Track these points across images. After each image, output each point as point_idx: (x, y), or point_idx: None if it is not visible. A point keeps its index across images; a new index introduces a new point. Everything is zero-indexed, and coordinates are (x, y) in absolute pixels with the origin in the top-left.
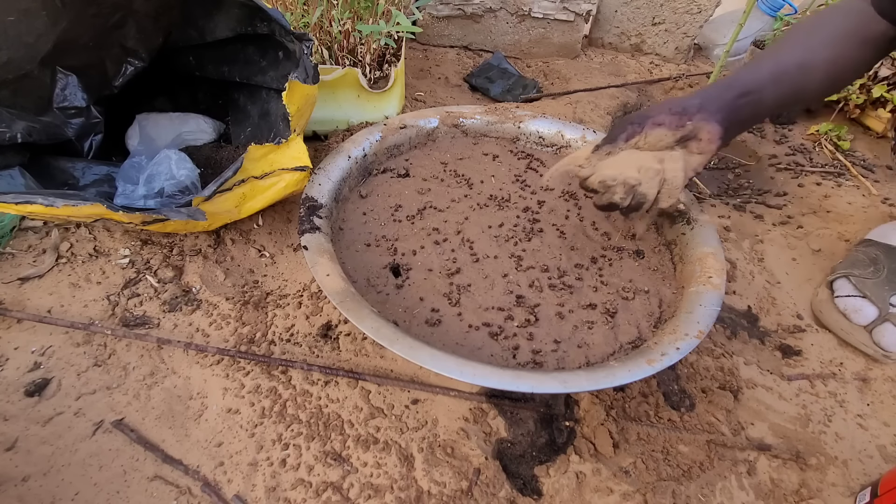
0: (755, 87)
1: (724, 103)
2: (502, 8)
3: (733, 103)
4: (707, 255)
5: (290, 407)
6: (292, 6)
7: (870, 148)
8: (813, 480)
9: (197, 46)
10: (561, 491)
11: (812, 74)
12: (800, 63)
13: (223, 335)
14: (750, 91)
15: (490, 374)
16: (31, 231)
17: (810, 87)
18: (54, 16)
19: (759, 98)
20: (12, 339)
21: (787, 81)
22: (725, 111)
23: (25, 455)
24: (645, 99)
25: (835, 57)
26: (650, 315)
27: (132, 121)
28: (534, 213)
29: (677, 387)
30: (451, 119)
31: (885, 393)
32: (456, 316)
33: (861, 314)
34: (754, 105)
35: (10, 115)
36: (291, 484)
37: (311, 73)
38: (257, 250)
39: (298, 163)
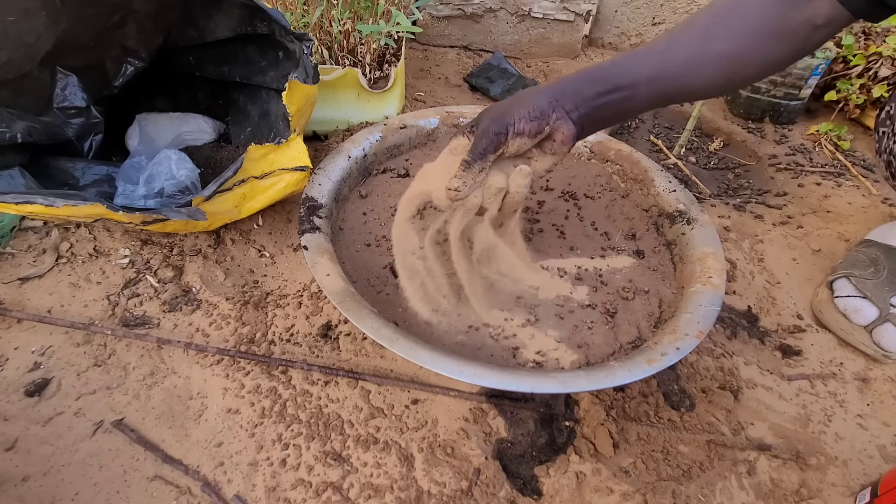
0: (626, 84)
1: (583, 100)
2: (502, 8)
3: (594, 101)
4: (707, 255)
5: (290, 407)
6: (292, 6)
7: (870, 148)
8: (813, 480)
9: (197, 46)
10: (561, 491)
11: (701, 72)
12: (688, 59)
13: (223, 335)
14: (619, 88)
15: (490, 374)
16: (31, 231)
17: (697, 86)
18: (54, 16)
19: (628, 96)
20: (12, 339)
21: (667, 80)
22: (583, 109)
23: (25, 455)
24: None
25: (733, 52)
26: (650, 315)
27: (132, 121)
28: (534, 213)
29: (677, 387)
30: (451, 119)
31: (885, 393)
32: (456, 316)
33: (861, 314)
34: (621, 103)
35: (10, 115)
36: (291, 484)
37: (311, 73)
38: (257, 250)
39: (298, 163)
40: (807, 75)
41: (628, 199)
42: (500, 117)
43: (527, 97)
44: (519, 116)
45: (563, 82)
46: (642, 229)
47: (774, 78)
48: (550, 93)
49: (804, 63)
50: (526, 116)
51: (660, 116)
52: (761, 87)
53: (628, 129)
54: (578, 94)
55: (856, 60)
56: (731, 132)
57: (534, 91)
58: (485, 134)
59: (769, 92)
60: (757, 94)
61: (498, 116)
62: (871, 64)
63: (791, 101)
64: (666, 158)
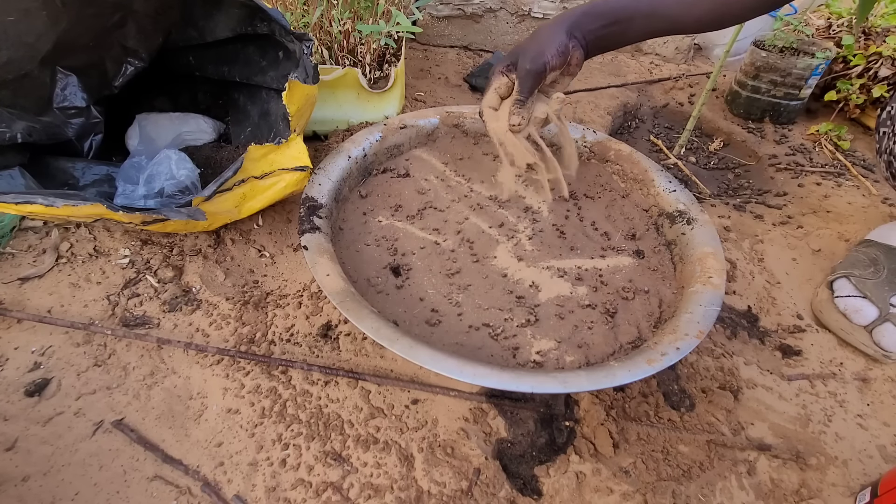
0: (624, 18)
1: (589, 31)
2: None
3: (597, 32)
4: (707, 255)
5: (290, 407)
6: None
7: (870, 148)
8: (813, 480)
9: (197, 46)
10: (561, 491)
11: (692, 11)
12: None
13: (223, 335)
14: (618, 21)
15: (490, 374)
16: (31, 231)
17: (688, 23)
18: (54, 16)
19: (625, 29)
20: (12, 339)
21: (661, 17)
22: (589, 38)
23: (25, 455)
24: (645, 99)
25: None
26: (650, 315)
27: (132, 121)
28: (534, 212)
29: (677, 387)
30: (451, 119)
31: (885, 393)
32: (456, 316)
33: (861, 314)
34: (619, 34)
35: (10, 115)
36: (291, 484)
37: (311, 73)
38: (257, 250)
39: (298, 163)
40: (807, 75)
41: (628, 199)
42: (537, 56)
43: (549, 35)
44: (551, 54)
45: (573, 16)
46: (642, 229)
47: (774, 78)
48: (566, 27)
49: (804, 63)
50: (556, 53)
51: (660, 116)
52: (761, 88)
53: (628, 129)
54: (586, 26)
55: (856, 60)
56: (731, 132)
57: (552, 28)
58: (529, 75)
59: (769, 92)
60: (757, 94)
61: (536, 56)
62: (871, 64)
63: (791, 101)
64: (666, 158)
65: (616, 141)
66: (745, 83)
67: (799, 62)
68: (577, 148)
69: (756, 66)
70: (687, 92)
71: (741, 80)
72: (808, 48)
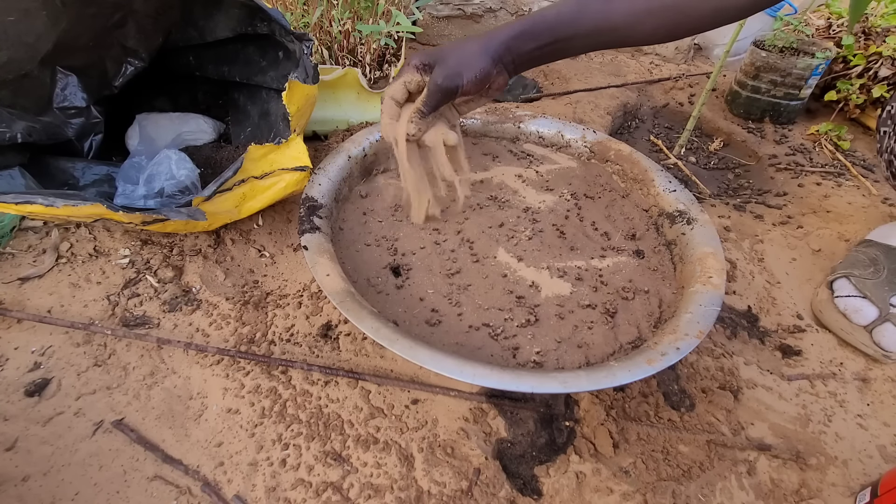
0: (565, 37)
1: (521, 54)
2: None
3: (531, 54)
4: (707, 255)
5: (290, 407)
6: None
7: (870, 148)
8: (813, 480)
9: (197, 46)
10: (561, 491)
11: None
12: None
13: (223, 335)
14: (556, 40)
15: (490, 374)
16: (31, 231)
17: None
18: (55, 16)
19: (564, 47)
20: (12, 339)
21: (607, 32)
22: (520, 61)
23: (25, 455)
24: (645, 99)
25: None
26: (650, 315)
27: (132, 121)
28: (534, 212)
29: (677, 387)
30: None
31: (885, 393)
32: (456, 316)
33: (861, 314)
34: (557, 53)
35: (11, 115)
36: (291, 484)
37: (311, 73)
38: (257, 250)
39: (298, 163)
40: (807, 75)
41: (628, 199)
42: (453, 76)
43: (473, 56)
44: (468, 79)
45: (503, 37)
46: (642, 229)
47: (774, 78)
48: (493, 51)
49: (804, 63)
50: (473, 79)
51: (660, 116)
52: (761, 87)
53: (628, 129)
54: (517, 49)
55: (856, 60)
56: (731, 132)
57: (479, 48)
58: (439, 91)
59: (769, 92)
60: (757, 94)
61: (452, 75)
62: (871, 64)
63: (791, 101)
64: (666, 158)
65: (616, 141)
66: (745, 83)
67: (799, 62)
68: (577, 148)
69: (756, 66)
70: (687, 92)
71: (741, 80)
72: (808, 48)
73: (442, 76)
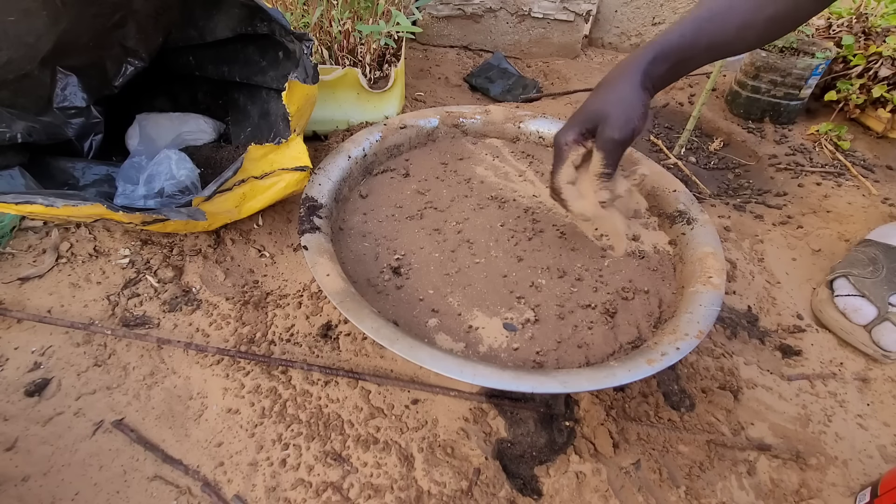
0: (689, 56)
1: (657, 77)
2: (502, 8)
3: (665, 76)
4: (707, 255)
5: (290, 407)
6: (292, 6)
7: (870, 148)
8: (813, 480)
9: (197, 46)
10: (561, 491)
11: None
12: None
13: (223, 335)
14: (681, 60)
15: (490, 374)
16: (31, 231)
17: (739, 48)
18: (55, 16)
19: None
20: (12, 339)
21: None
22: (658, 84)
23: (25, 455)
24: None
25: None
26: (650, 315)
27: (132, 121)
28: (534, 212)
29: (677, 387)
30: (451, 119)
31: (885, 393)
32: (456, 316)
33: (860, 314)
34: (678, 73)
35: (11, 115)
36: (291, 484)
37: (311, 73)
38: (257, 250)
39: (298, 163)
40: (807, 75)
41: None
42: (626, 124)
43: (630, 94)
44: (639, 118)
45: (642, 64)
46: (642, 229)
47: (774, 78)
48: (640, 79)
49: (804, 63)
50: (642, 116)
51: (660, 116)
52: (761, 87)
53: None
54: (655, 73)
55: (856, 60)
56: (731, 132)
57: (628, 83)
58: (618, 146)
59: (769, 92)
60: (757, 94)
61: (624, 124)
62: (871, 64)
63: (791, 101)
64: (666, 158)
65: None
66: (745, 83)
67: (799, 62)
68: None
69: (756, 66)
70: (687, 92)
71: (741, 80)
72: (808, 48)
73: (617, 130)
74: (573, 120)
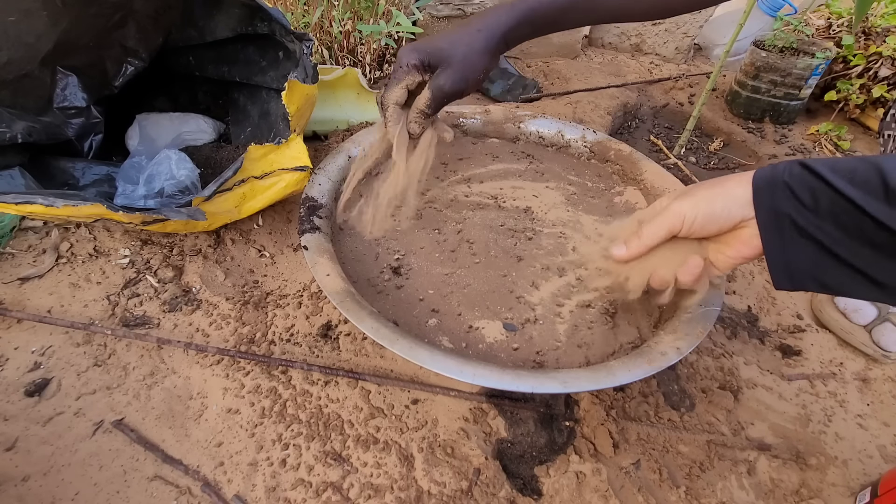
0: (557, 21)
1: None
2: None
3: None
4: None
5: (290, 407)
6: (293, 6)
7: (870, 148)
8: (813, 480)
9: (197, 46)
10: (561, 491)
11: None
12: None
13: (223, 335)
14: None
15: (490, 374)
16: (31, 231)
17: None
18: (55, 16)
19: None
20: (12, 339)
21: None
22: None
23: (25, 455)
24: (645, 99)
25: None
26: (650, 315)
27: (132, 121)
28: (534, 212)
29: (677, 387)
30: (451, 119)
31: (885, 393)
32: (456, 316)
33: (860, 314)
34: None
35: (11, 116)
36: (291, 484)
37: (311, 73)
38: (257, 250)
39: (298, 163)
40: (807, 75)
41: (628, 199)
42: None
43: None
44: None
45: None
46: None
47: (774, 78)
48: (493, 48)
49: (804, 63)
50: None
51: (660, 116)
52: (761, 87)
53: (628, 129)
54: (515, 39)
55: (856, 60)
56: (731, 132)
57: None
58: (444, 97)
59: (769, 92)
60: (757, 94)
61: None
62: (871, 64)
63: (791, 101)
64: (666, 158)
65: (616, 141)
66: (745, 83)
67: (799, 62)
68: (577, 148)
69: (756, 66)
70: (687, 92)
71: (741, 80)
72: (808, 48)
73: (449, 82)
74: (422, 47)
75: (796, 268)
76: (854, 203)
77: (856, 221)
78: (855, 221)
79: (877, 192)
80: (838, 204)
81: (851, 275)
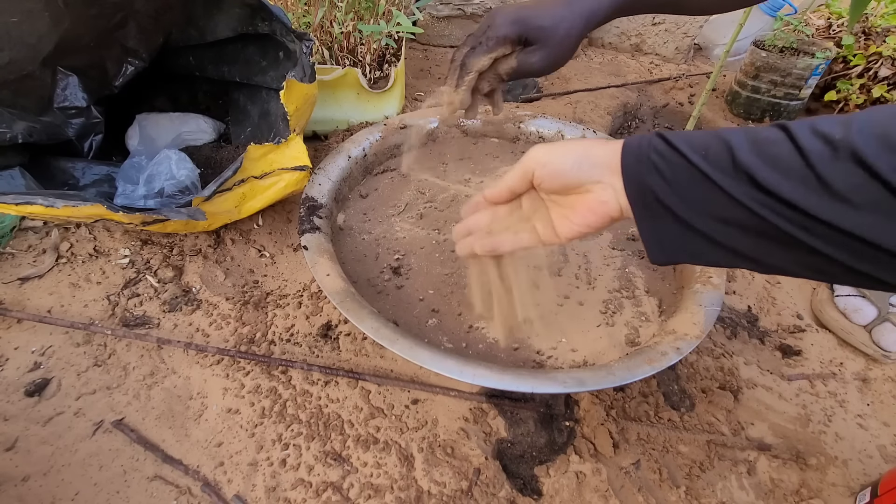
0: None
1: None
2: None
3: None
4: None
5: (290, 407)
6: (293, 6)
7: None
8: (813, 480)
9: (197, 46)
10: (561, 491)
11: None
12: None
13: (223, 335)
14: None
15: (490, 374)
16: (31, 231)
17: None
18: (57, 16)
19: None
20: (12, 339)
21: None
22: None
23: (25, 455)
24: (645, 99)
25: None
26: (650, 315)
27: (132, 121)
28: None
29: (677, 387)
30: (451, 119)
31: (885, 393)
32: (456, 316)
33: (861, 314)
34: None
35: (11, 116)
36: (291, 484)
37: (309, 72)
38: (257, 250)
39: (298, 162)
40: (807, 75)
41: None
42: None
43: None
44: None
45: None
46: None
47: (774, 77)
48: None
49: (804, 63)
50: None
51: (660, 116)
52: (761, 87)
53: (628, 129)
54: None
55: (856, 60)
56: None
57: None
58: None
59: (769, 92)
60: (757, 94)
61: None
62: (871, 64)
63: (791, 101)
64: None
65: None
66: (746, 83)
67: (799, 62)
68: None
69: (756, 66)
70: (687, 92)
71: (741, 80)
72: (808, 48)
73: (541, 63)
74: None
75: (667, 241)
76: (709, 178)
77: (710, 196)
78: (709, 196)
79: (727, 168)
80: (695, 178)
81: (714, 248)
